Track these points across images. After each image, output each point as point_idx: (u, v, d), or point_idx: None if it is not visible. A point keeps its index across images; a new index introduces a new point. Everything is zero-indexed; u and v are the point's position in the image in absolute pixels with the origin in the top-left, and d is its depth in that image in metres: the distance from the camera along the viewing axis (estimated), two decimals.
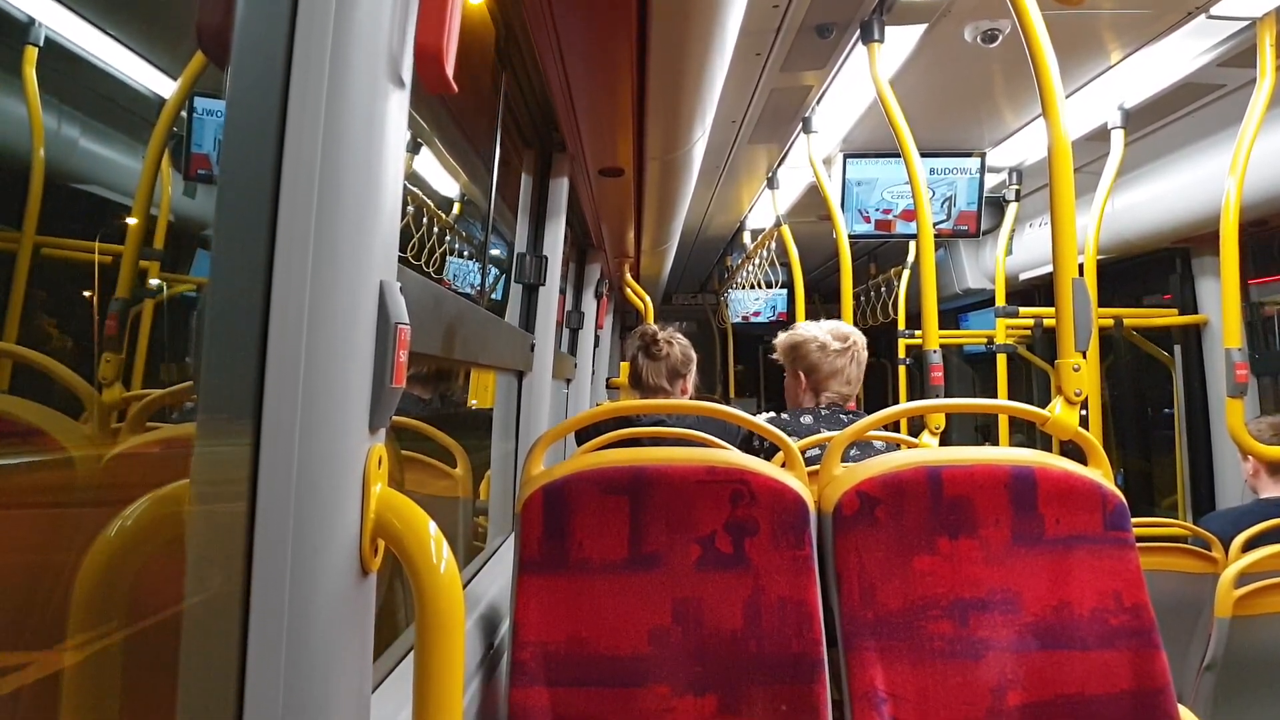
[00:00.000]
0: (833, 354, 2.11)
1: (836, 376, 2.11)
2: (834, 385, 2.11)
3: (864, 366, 2.15)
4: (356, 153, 0.61)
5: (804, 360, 2.15)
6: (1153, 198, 3.28)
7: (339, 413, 0.60)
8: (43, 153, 0.71)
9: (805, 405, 2.14)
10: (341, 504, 0.61)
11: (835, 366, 2.11)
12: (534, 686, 1.17)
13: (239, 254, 0.60)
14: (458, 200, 3.03)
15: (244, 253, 0.59)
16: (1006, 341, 4.07)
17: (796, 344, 2.17)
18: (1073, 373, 1.45)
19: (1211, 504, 3.51)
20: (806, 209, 4.15)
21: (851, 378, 2.12)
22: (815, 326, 2.19)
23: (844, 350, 2.12)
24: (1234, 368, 2.17)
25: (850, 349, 2.13)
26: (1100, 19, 2.20)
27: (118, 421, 0.74)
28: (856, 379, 2.13)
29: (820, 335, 2.15)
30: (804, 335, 2.17)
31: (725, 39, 1.47)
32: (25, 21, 0.70)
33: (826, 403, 2.10)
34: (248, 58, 0.60)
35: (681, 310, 8.57)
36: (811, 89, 2.80)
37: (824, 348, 2.13)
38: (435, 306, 0.92)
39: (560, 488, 1.25)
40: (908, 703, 1.20)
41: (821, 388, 2.13)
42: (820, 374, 2.12)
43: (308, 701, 0.59)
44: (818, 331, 2.17)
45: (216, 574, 0.59)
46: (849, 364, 2.12)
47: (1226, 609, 1.88)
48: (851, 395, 2.13)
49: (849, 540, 1.27)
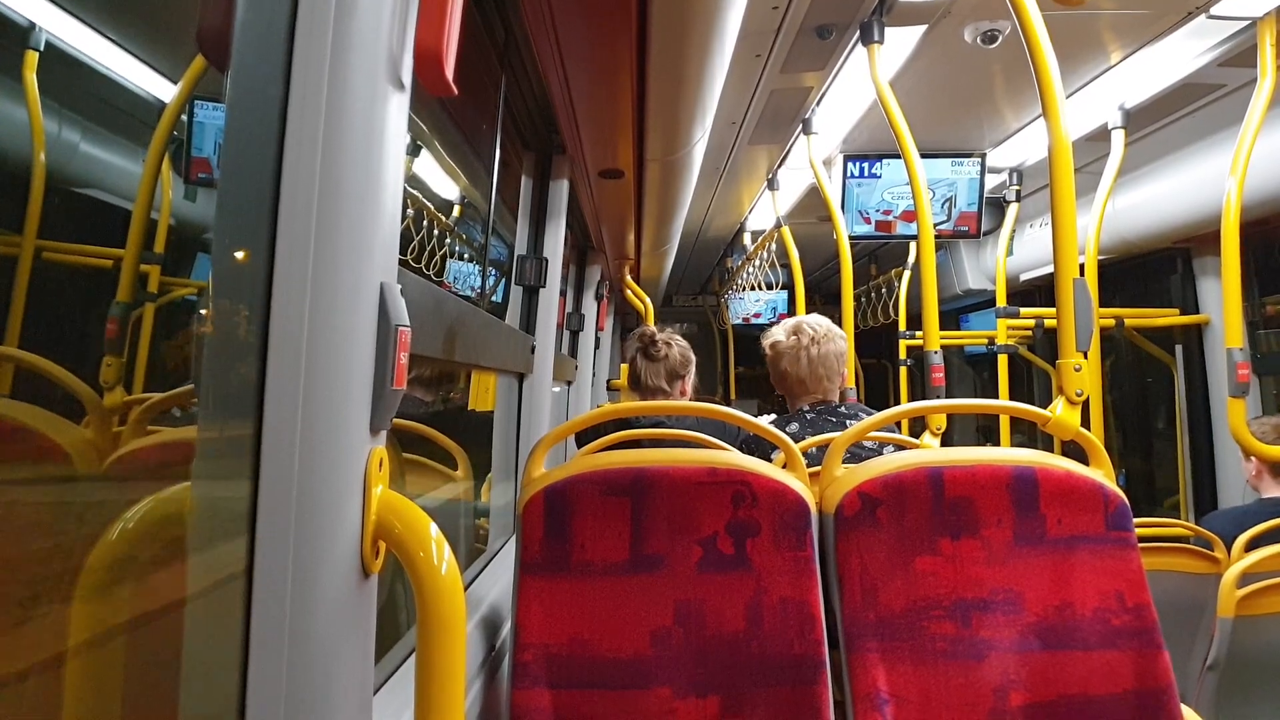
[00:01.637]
0: (782, 354, 2.03)
1: (787, 378, 2.02)
2: (792, 387, 2.03)
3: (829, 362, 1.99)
4: (356, 155, 0.61)
5: (769, 365, 2.09)
6: (1153, 198, 3.28)
7: (340, 415, 0.60)
8: (43, 157, 0.71)
9: (790, 412, 2.07)
10: (343, 506, 0.61)
11: (782, 368, 2.03)
12: (536, 688, 1.17)
13: (239, 257, 0.60)
14: (458, 203, 3.03)
15: (244, 255, 0.59)
16: (1007, 342, 4.06)
17: (766, 349, 2.11)
18: (1074, 373, 1.44)
19: (1213, 504, 3.51)
20: (807, 210, 4.15)
21: (804, 377, 1.99)
22: (779, 325, 2.11)
23: (790, 349, 2.01)
24: (1235, 367, 2.16)
25: (797, 348, 2.00)
26: (1100, 19, 2.20)
27: (119, 425, 0.74)
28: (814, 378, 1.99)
29: (775, 334, 2.08)
30: (766, 336, 2.11)
31: (725, 40, 1.48)
32: (25, 26, 0.71)
33: (810, 405, 2.01)
34: (248, 61, 0.60)
35: (682, 312, 8.58)
36: (811, 90, 2.80)
37: (774, 348, 2.05)
38: (436, 309, 0.93)
39: (561, 489, 1.25)
40: (910, 704, 1.20)
41: (787, 391, 2.07)
42: (776, 376, 2.07)
43: (310, 703, 0.59)
44: (776, 331, 2.09)
45: (218, 576, 0.59)
46: (795, 364, 1.99)
47: (1229, 609, 1.88)
48: (826, 391, 2.02)
49: (851, 541, 1.27)
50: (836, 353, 2.02)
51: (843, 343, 2.06)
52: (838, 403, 2.04)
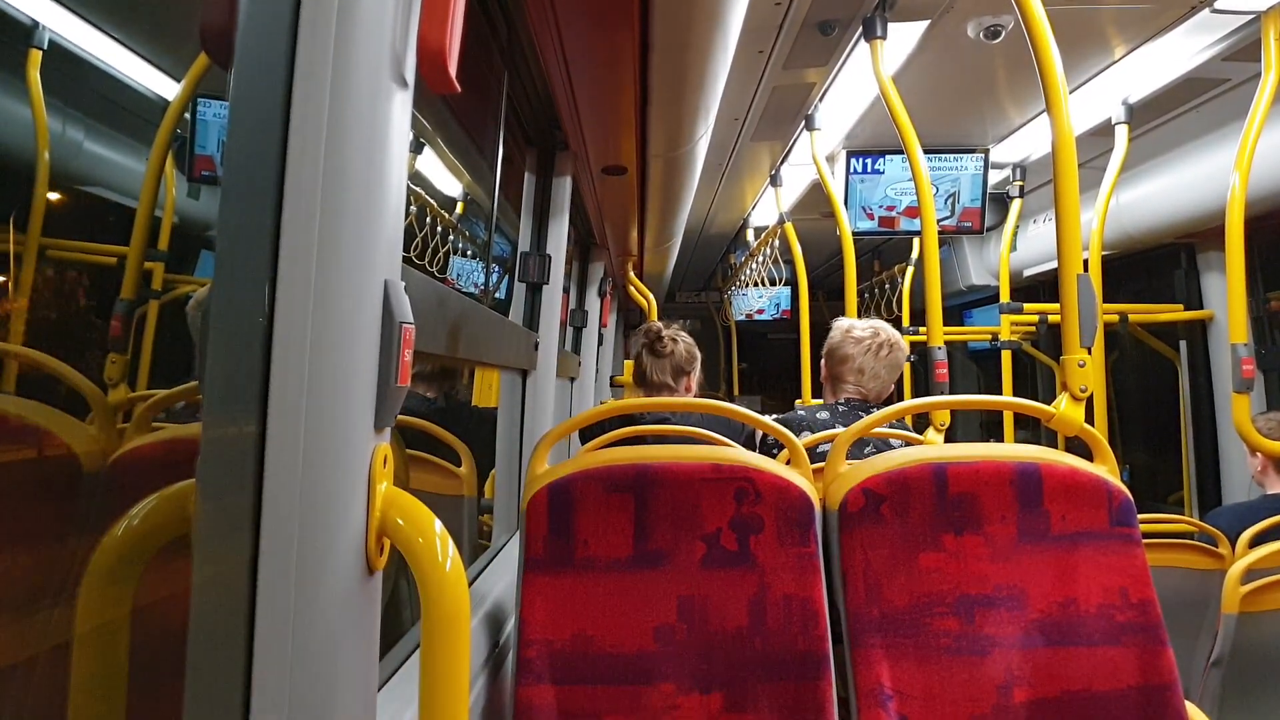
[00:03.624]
0: (851, 340, 2.10)
1: (847, 362, 2.09)
2: (847, 375, 2.09)
3: (892, 365, 2.10)
4: (360, 152, 0.61)
5: (829, 345, 2.16)
6: (1157, 193, 3.27)
7: (344, 411, 0.61)
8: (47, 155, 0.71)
9: (826, 400, 2.14)
10: (347, 502, 0.61)
11: (847, 352, 2.09)
12: (540, 684, 1.17)
13: (243, 254, 0.60)
14: (461, 199, 3.03)
15: (248, 253, 0.59)
16: (1011, 338, 4.06)
17: (832, 331, 2.18)
18: (1078, 369, 1.44)
19: (1218, 500, 3.50)
20: (810, 206, 4.15)
21: (864, 368, 2.08)
22: (855, 320, 2.19)
23: (863, 339, 2.09)
24: (1240, 363, 2.16)
25: (871, 340, 2.09)
26: (1104, 14, 2.19)
27: (123, 421, 0.75)
28: (873, 373, 2.08)
29: (850, 323, 2.15)
30: (839, 323, 2.18)
31: (728, 36, 1.47)
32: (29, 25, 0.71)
33: (845, 398, 2.09)
34: (251, 59, 0.60)
35: (685, 308, 8.56)
36: (814, 86, 2.80)
37: (846, 333, 2.12)
38: (439, 305, 0.93)
39: (565, 486, 1.25)
40: (914, 699, 1.20)
41: (838, 376, 2.12)
42: (834, 359, 2.12)
43: (314, 700, 0.60)
44: (853, 321, 2.17)
45: (223, 573, 0.59)
46: (864, 354, 2.08)
47: (1233, 605, 1.88)
48: (873, 392, 2.10)
49: (854, 537, 1.27)
50: (899, 362, 2.13)
51: (904, 356, 2.15)
52: (872, 403, 2.10)
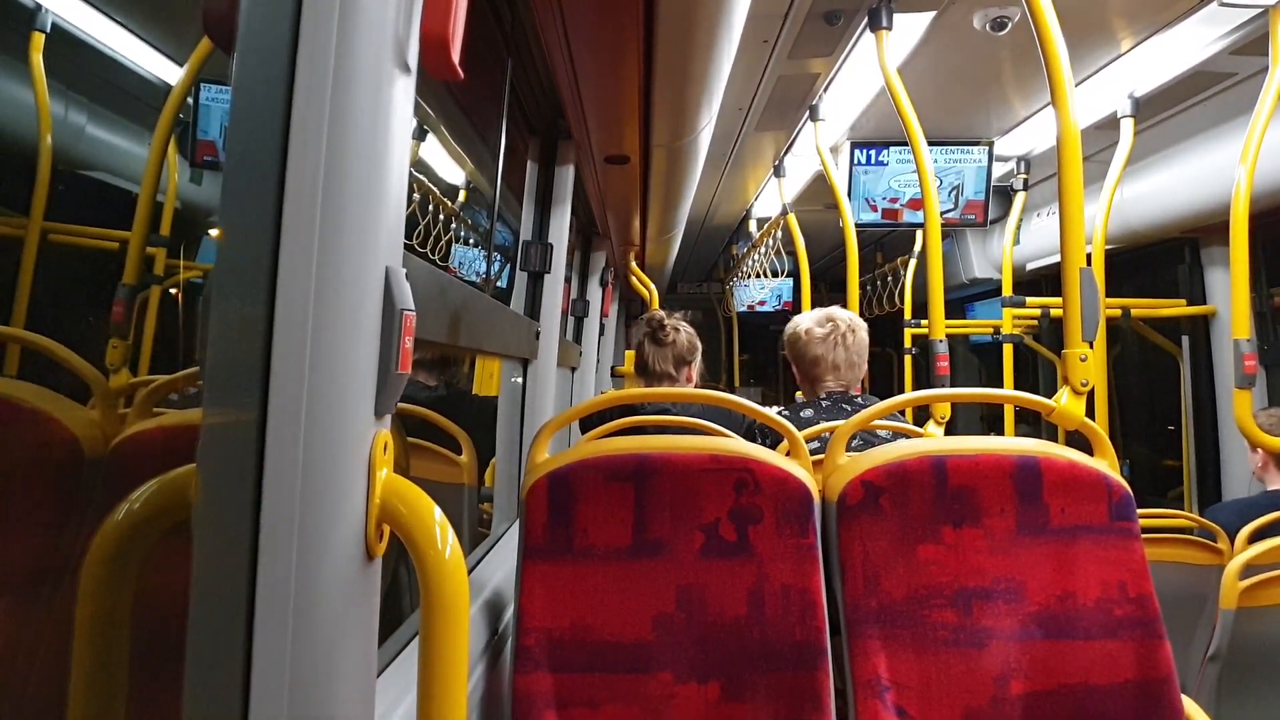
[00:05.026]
0: (815, 341, 2.04)
1: (819, 364, 2.03)
2: (824, 374, 2.04)
3: (860, 351, 2.04)
4: (362, 139, 0.61)
5: (793, 350, 2.10)
6: (1162, 187, 3.26)
7: (345, 398, 0.61)
8: (49, 139, 0.71)
9: (806, 399, 2.08)
10: (347, 489, 0.61)
11: (815, 354, 2.03)
12: (538, 672, 1.18)
13: (245, 240, 0.60)
14: (463, 188, 3.03)
15: (250, 239, 0.59)
16: (1013, 331, 4.05)
17: (788, 334, 2.12)
18: (1079, 363, 1.44)
19: (1218, 495, 3.50)
20: (813, 197, 4.14)
21: (839, 363, 2.02)
22: (805, 315, 2.13)
23: (825, 337, 2.03)
24: (1242, 359, 2.16)
25: (833, 335, 2.03)
26: (1111, 6, 2.18)
27: (125, 406, 0.75)
28: (847, 364, 2.02)
29: (805, 323, 2.09)
30: (792, 325, 2.12)
31: (732, 25, 1.47)
32: (32, 8, 0.71)
33: (825, 393, 2.03)
34: (253, 43, 0.60)
35: (687, 299, 8.55)
36: (819, 76, 2.79)
37: (807, 334, 2.06)
38: (441, 293, 0.92)
39: (565, 475, 1.25)
40: (911, 690, 1.20)
41: (812, 378, 2.07)
42: (805, 362, 2.07)
43: (313, 686, 0.60)
44: (804, 319, 2.10)
45: (222, 558, 0.59)
46: (832, 350, 2.02)
47: (1231, 600, 1.88)
48: (849, 383, 2.05)
49: (853, 529, 1.27)
50: (865, 342, 2.07)
51: (866, 335, 2.09)
52: (854, 394, 2.06)
